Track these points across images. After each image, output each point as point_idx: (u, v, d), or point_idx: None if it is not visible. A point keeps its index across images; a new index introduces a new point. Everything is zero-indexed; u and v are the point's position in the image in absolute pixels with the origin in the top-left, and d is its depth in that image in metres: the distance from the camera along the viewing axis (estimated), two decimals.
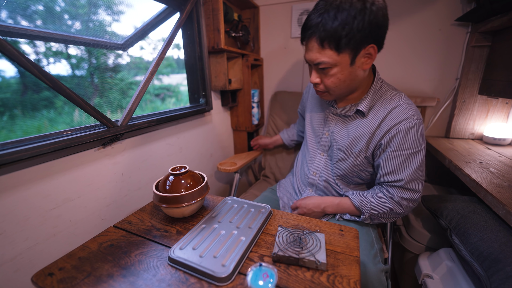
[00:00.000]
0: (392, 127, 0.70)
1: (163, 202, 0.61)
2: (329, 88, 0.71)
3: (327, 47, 0.62)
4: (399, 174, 0.70)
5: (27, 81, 0.76)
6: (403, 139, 0.68)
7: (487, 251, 0.63)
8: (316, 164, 0.88)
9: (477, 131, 1.24)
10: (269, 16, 1.48)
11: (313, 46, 0.65)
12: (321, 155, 0.88)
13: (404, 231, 1.05)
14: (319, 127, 0.88)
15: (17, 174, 0.59)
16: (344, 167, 0.80)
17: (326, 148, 0.86)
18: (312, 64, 0.69)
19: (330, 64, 0.65)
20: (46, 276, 0.48)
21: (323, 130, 0.86)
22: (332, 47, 0.62)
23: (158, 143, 1.00)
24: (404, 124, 0.68)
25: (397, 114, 0.70)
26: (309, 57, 0.68)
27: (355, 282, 0.46)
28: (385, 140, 0.71)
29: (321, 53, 0.64)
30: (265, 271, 0.40)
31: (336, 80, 0.68)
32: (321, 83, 0.71)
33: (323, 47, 0.63)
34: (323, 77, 0.69)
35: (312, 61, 0.67)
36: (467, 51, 1.16)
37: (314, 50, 0.65)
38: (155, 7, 0.99)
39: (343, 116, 0.80)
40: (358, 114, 0.77)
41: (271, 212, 0.68)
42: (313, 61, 0.67)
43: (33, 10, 0.71)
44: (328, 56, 0.64)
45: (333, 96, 0.75)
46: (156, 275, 0.48)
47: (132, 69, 1.09)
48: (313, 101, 0.94)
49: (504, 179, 0.78)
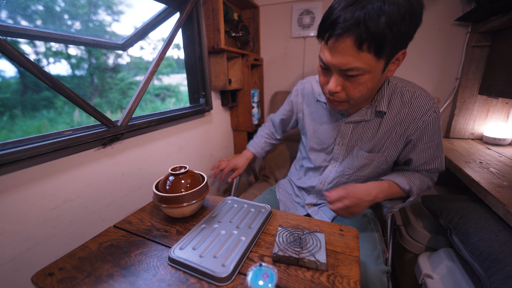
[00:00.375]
0: (418, 119, 0.66)
1: (163, 202, 0.61)
2: (352, 98, 0.59)
3: (366, 50, 0.50)
4: (432, 163, 0.72)
5: (27, 81, 0.76)
6: (433, 131, 0.67)
7: (487, 251, 0.63)
8: (325, 175, 0.82)
9: (477, 131, 1.24)
10: (269, 16, 1.48)
11: (346, 48, 0.51)
12: (333, 166, 0.80)
13: (404, 231, 1.05)
14: (328, 139, 0.79)
15: (17, 174, 0.59)
16: (366, 172, 0.76)
17: (341, 158, 0.78)
18: (335, 70, 0.56)
19: (364, 71, 0.53)
20: (46, 276, 0.48)
21: (334, 141, 0.78)
22: (371, 51, 0.50)
23: (158, 143, 1.00)
24: (430, 115, 0.65)
25: (419, 104, 0.65)
26: (336, 61, 0.53)
27: (355, 282, 0.46)
28: (415, 136, 0.67)
29: (356, 57, 0.51)
30: (265, 271, 0.40)
31: (364, 89, 0.57)
32: (342, 91, 0.59)
33: (361, 50, 0.50)
34: (348, 85, 0.57)
35: (341, 65, 0.53)
36: (467, 51, 1.16)
37: (346, 53, 0.51)
38: (155, 7, 0.99)
39: (358, 122, 0.72)
40: (377, 116, 0.70)
41: (271, 212, 0.68)
42: (343, 66, 0.53)
43: (33, 10, 0.71)
44: (365, 61, 0.51)
45: (350, 106, 0.64)
46: (156, 275, 0.48)
47: (132, 69, 1.09)
48: (311, 110, 0.84)
49: (504, 179, 0.78)
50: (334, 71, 0.57)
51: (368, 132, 0.72)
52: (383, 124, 0.69)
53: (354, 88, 0.57)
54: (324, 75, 0.61)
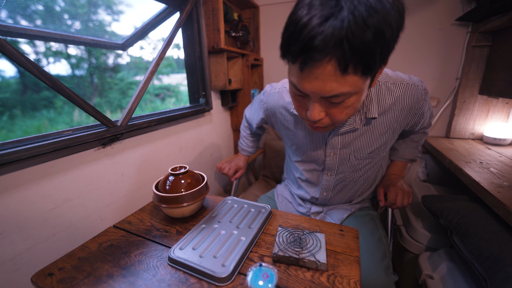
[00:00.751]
0: (415, 107, 0.64)
1: (163, 202, 0.61)
2: (338, 121, 0.51)
3: (352, 72, 0.40)
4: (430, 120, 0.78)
5: (27, 81, 0.76)
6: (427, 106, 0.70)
7: (487, 251, 0.63)
8: (324, 185, 0.77)
9: (477, 131, 1.24)
10: (269, 16, 1.48)
11: (327, 74, 0.40)
12: (328, 175, 0.75)
13: (404, 231, 1.05)
14: (316, 152, 0.72)
15: (17, 174, 0.59)
16: (369, 167, 0.75)
17: (335, 167, 0.73)
18: (317, 97, 0.46)
19: (351, 94, 0.44)
20: (46, 276, 0.48)
21: (324, 153, 0.71)
22: (358, 71, 0.40)
23: (158, 143, 1.00)
24: (425, 99, 0.64)
25: (412, 94, 0.62)
26: (317, 89, 0.43)
27: (355, 282, 0.46)
28: (414, 119, 0.69)
29: (341, 82, 0.41)
30: (265, 271, 0.40)
31: (351, 111, 0.49)
32: (326, 117, 0.50)
33: (346, 73, 0.40)
34: (332, 110, 0.48)
35: (323, 93, 0.43)
36: (467, 51, 1.16)
37: (328, 79, 0.41)
38: (155, 7, 0.99)
39: (348, 132, 0.66)
40: (368, 123, 0.65)
41: (271, 212, 0.68)
42: (326, 94, 0.43)
43: (33, 10, 0.71)
44: (351, 84, 0.42)
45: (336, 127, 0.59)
46: (156, 275, 0.48)
47: (132, 69, 1.09)
48: (289, 125, 0.75)
49: (504, 179, 0.78)
50: (314, 99, 0.47)
51: (362, 138, 0.67)
52: (376, 127, 0.65)
53: (340, 112, 0.48)
54: (300, 101, 0.51)
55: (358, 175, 0.76)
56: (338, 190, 0.79)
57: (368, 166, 0.75)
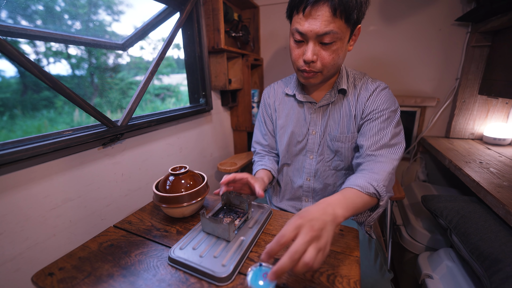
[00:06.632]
0: (369, 96, 0.72)
1: (163, 202, 0.61)
2: (326, 65, 0.64)
3: (339, 16, 0.57)
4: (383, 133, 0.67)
5: (27, 81, 0.76)
6: (382, 99, 0.70)
7: (487, 251, 0.63)
8: (307, 170, 0.81)
9: (477, 131, 1.25)
10: (269, 16, 1.48)
11: (322, 14, 0.57)
12: (310, 158, 0.80)
13: (404, 231, 1.05)
14: (301, 129, 0.80)
15: (17, 174, 0.59)
16: (344, 155, 0.76)
17: (316, 148, 0.79)
18: (312, 38, 0.61)
19: (337, 37, 0.60)
20: (46, 276, 0.48)
21: (307, 131, 0.79)
22: (343, 18, 0.57)
23: (158, 143, 1.00)
24: (377, 89, 0.72)
25: (370, 86, 0.73)
26: (314, 26, 0.59)
27: (355, 282, 0.46)
28: (367, 109, 0.71)
29: (332, 22, 0.57)
30: (265, 271, 0.40)
31: (336, 57, 0.63)
32: (317, 61, 0.64)
33: (335, 16, 0.57)
34: (323, 53, 0.63)
35: (319, 30, 0.58)
36: (467, 51, 1.16)
37: (323, 19, 0.57)
38: (155, 7, 0.99)
39: (326, 105, 0.76)
40: (340, 96, 0.75)
41: (271, 212, 0.68)
42: (321, 31, 0.58)
43: (33, 10, 0.71)
44: (338, 26, 0.58)
45: (323, 78, 0.69)
46: (156, 275, 0.48)
47: (132, 69, 1.09)
48: (283, 106, 0.85)
49: (504, 179, 0.78)
50: (310, 40, 0.62)
51: (335, 114, 0.76)
52: (345, 105, 0.74)
53: (328, 56, 0.63)
54: (298, 47, 0.66)
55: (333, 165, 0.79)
56: (319, 179, 0.81)
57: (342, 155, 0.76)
